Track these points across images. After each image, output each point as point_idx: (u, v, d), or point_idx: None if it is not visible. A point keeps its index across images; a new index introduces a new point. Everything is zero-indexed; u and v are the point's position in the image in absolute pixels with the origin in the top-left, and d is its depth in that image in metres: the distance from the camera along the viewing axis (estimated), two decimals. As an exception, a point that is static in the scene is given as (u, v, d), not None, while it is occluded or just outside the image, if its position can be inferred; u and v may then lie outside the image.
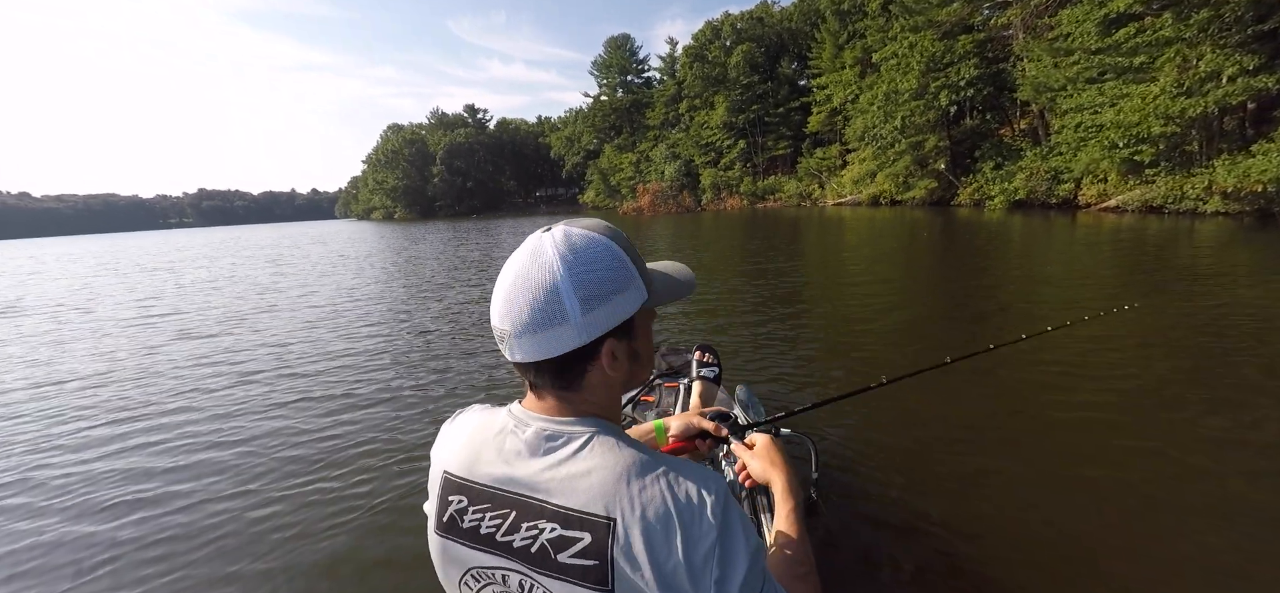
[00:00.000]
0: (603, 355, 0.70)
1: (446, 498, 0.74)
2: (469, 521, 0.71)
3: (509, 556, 0.68)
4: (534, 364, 0.69)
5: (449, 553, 0.73)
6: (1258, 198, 12.17)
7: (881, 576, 2.11)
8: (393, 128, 79.42)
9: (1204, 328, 4.85)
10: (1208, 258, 8.41)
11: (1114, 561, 2.12)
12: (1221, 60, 12.31)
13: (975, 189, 24.27)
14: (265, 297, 10.47)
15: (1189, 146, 14.23)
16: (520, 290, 0.68)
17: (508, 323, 0.68)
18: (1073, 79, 17.39)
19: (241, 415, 4.11)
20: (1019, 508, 2.46)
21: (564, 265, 0.67)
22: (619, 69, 57.71)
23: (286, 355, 5.77)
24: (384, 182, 76.79)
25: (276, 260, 18.74)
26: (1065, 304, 6.21)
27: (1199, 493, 2.48)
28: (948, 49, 23.92)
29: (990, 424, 3.28)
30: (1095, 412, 3.34)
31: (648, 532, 0.62)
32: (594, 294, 0.67)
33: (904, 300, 7.08)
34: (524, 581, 0.68)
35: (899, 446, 3.04)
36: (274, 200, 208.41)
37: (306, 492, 3.01)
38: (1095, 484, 2.60)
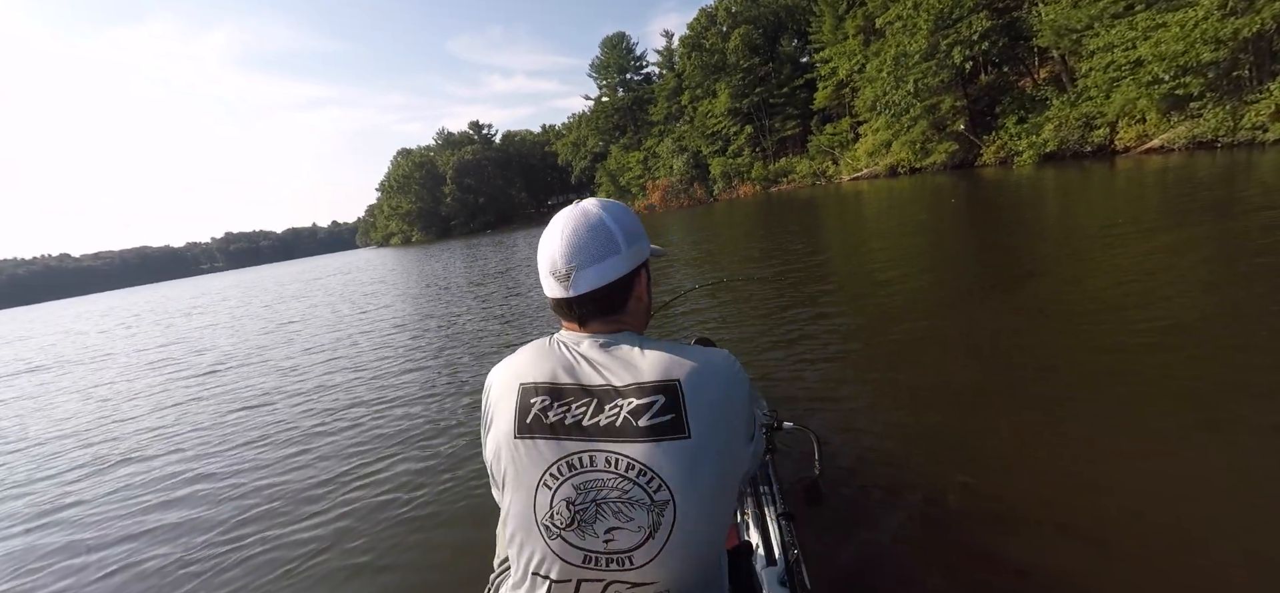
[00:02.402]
0: (640, 284, 0.93)
1: (527, 403, 0.85)
2: (553, 416, 0.83)
3: (596, 436, 0.81)
4: (588, 295, 0.88)
5: (531, 452, 0.83)
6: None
7: (889, 571, 2.02)
8: (403, 153, 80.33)
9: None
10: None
11: (1125, 544, 1.94)
12: (1275, -31, 11.14)
13: (1000, 147, 23.02)
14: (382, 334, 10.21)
15: (1239, 72, 12.97)
16: (579, 235, 0.88)
17: (574, 260, 0.88)
18: (1097, 16, 16.16)
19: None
20: (1030, 498, 2.28)
21: (608, 213, 0.91)
22: (617, 68, 57.09)
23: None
24: (398, 206, 77.67)
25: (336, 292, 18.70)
26: (1131, 257, 5.37)
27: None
28: (956, 3, 22.70)
29: (999, 413, 2.99)
30: (1115, 392, 2.91)
31: (706, 385, 0.82)
32: (630, 233, 0.91)
33: (938, 277, 6.34)
34: (610, 456, 0.80)
35: (905, 438, 2.87)
36: (297, 237, 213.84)
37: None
38: (1111, 469, 2.35)
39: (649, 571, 0.79)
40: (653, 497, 0.78)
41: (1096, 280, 4.92)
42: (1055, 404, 2.93)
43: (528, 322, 7.54)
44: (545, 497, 0.82)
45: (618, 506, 0.79)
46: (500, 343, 6.49)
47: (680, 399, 0.80)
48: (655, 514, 0.78)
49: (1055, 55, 20.87)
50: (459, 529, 2.72)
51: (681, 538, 0.78)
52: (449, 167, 73.70)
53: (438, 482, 3.19)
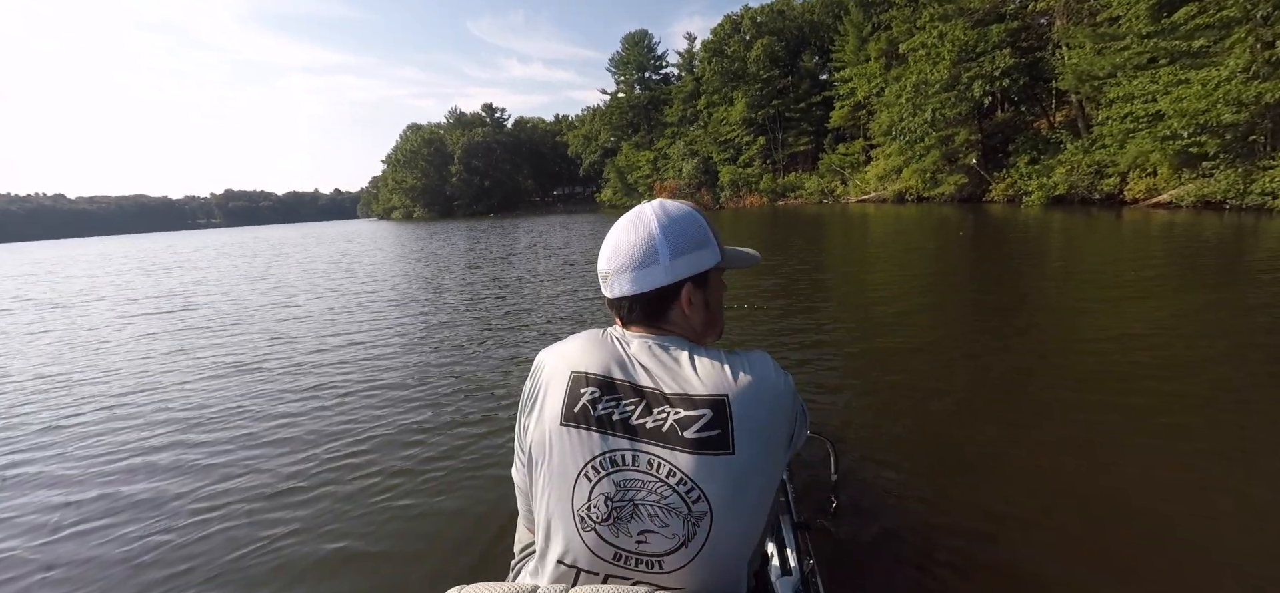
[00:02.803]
0: (682, 297, 0.90)
1: (577, 392, 0.85)
2: (602, 409, 0.83)
3: (642, 437, 0.81)
4: (629, 297, 0.90)
5: (575, 441, 0.83)
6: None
7: (905, 581, 1.99)
8: (412, 128, 79.97)
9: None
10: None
11: (1147, 561, 1.97)
12: (1303, 38, 11.22)
13: (1009, 185, 23.13)
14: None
15: (1256, 137, 13.06)
16: (625, 240, 0.90)
17: (614, 264, 0.91)
18: (1120, 66, 16.25)
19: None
20: (1050, 509, 2.28)
21: (659, 223, 0.89)
22: (637, 66, 57.07)
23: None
24: (403, 181, 77.35)
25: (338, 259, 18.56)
26: (1135, 310, 5.42)
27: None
28: (980, 37, 22.79)
29: (1019, 423, 3.03)
30: (1134, 408, 2.99)
31: (755, 404, 0.82)
32: (680, 246, 0.89)
33: (936, 305, 6.35)
34: (652, 460, 0.80)
35: (922, 446, 2.87)
36: (298, 201, 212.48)
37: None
38: (1130, 488, 2.39)
39: (677, 577, 0.80)
40: (691, 507, 0.79)
41: (1123, 327, 4.94)
42: (1081, 424, 2.93)
43: (525, 314, 7.50)
44: (584, 489, 0.83)
45: (654, 509, 0.80)
46: (491, 329, 6.45)
47: (728, 416, 0.80)
48: (691, 524, 0.79)
49: (1074, 100, 20.98)
50: (437, 519, 2.64)
51: (713, 551, 0.79)
52: (458, 146, 73.48)
53: (425, 468, 3.16)
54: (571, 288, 9.05)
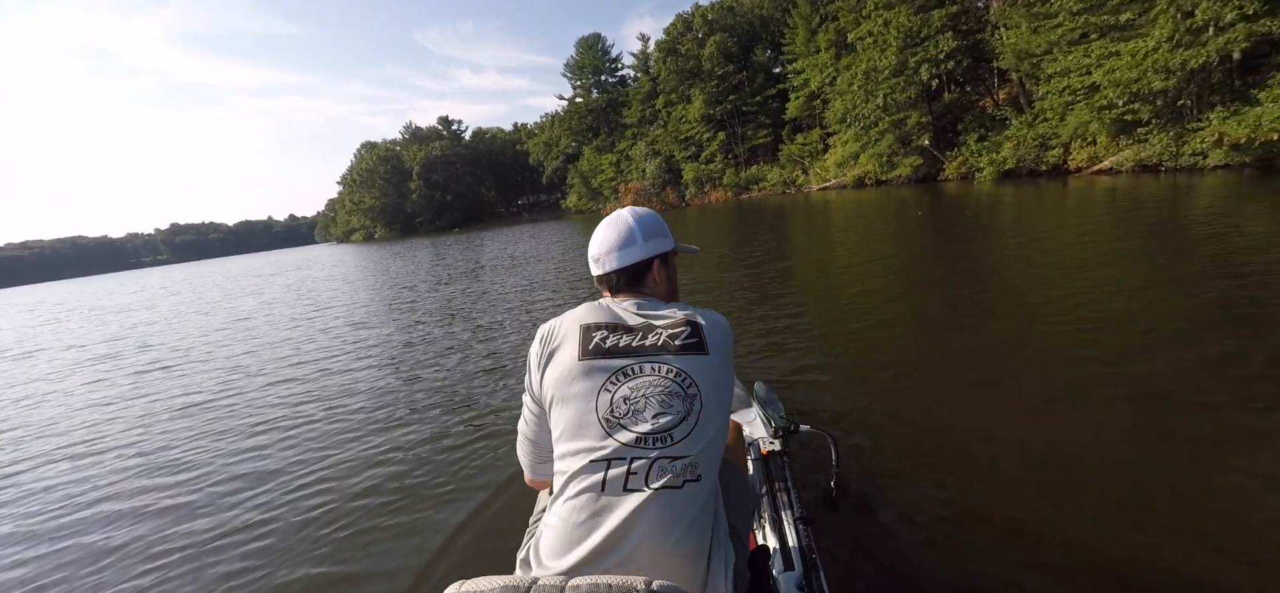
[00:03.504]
0: (654, 269, 1.29)
1: (589, 336, 1.14)
2: (610, 343, 1.13)
3: (644, 353, 1.11)
4: (616, 271, 1.27)
5: (593, 368, 1.11)
6: (1256, 148, 11.82)
7: (906, 574, 2.00)
8: (367, 146, 77.89)
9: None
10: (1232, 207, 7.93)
11: (1148, 554, 1.94)
12: (1220, 6, 11.91)
13: (961, 162, 23.93)
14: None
15: (1184, 101, 13.83)
16: (610, 232, 1.29)
17: (603, 249, 1.28)
18: (1055, 42, 17.00)
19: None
20: (1050, 502, 2.27)
21: (634, 217, 1.29)
22: (592, 69, 56.91)
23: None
24: (361, 202, 75.27)
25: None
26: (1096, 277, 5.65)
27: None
28: (924, 23, 23.53)
29: (1020, 415, 3.00)
30: (1129, 388, 3.00)
31: (714, 326, 1.17)
32: (649, 233, 1.29)
33: (910, 286, 6.50)
34: (655, 365, 1.10)
35: (923, 439, 2.87)
36: (251, 230, 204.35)
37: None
38: (1135, 475, 2.37)
39: (684, 445, 1.04)
40: (686, 392, 1.08)
41: (1102, 296, 5.12)
42: (1081, 411, 2.93)
43: (496, 326, 7.36)
44: (606, 399, 1.08)
45: (662, 398, 1.07)
46: (464, 343, 6.31)
47: (701, 331, 1.15)
48: (688, 404, 1.07)
49: (1014, 77, 21.87)
50: (427, 530, 2.63)
51: (704, 427, 1.07)
52: (416, 162, 71.89)
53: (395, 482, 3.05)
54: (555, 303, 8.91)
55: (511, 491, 2.88)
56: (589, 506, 1.01)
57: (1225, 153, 12.47)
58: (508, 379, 4.80)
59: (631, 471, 1.01)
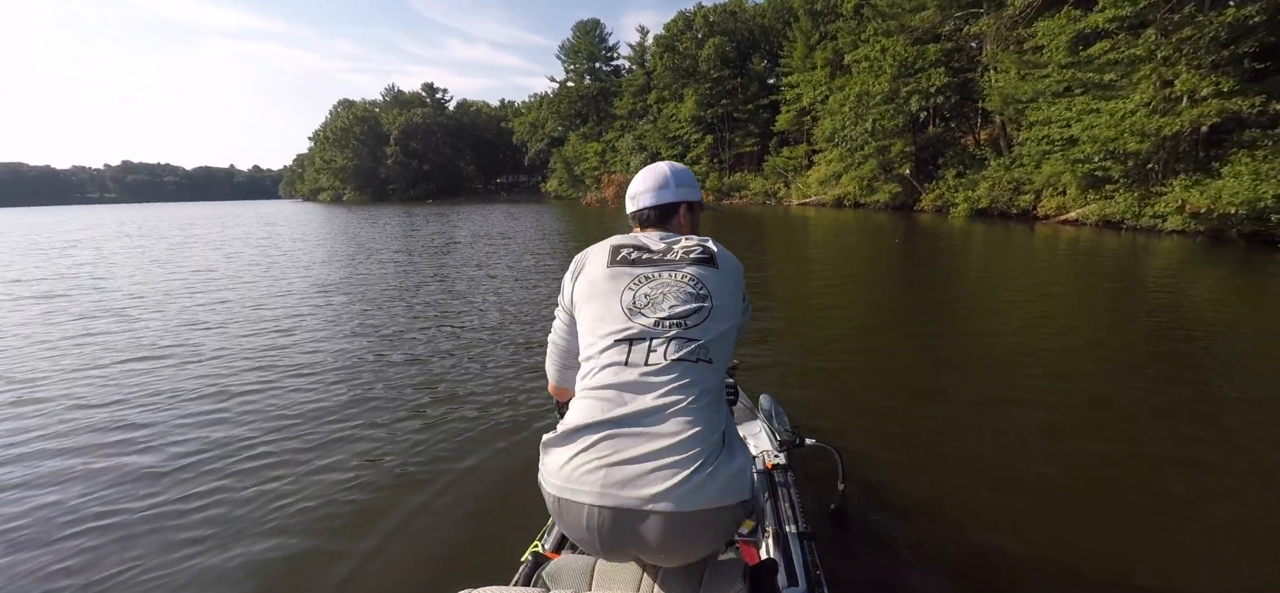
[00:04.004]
0: (680, 212, 1.48)
1: (617, 251, 1.31)
2: (635, 256, 1.29)
3: (663, 263, 1.27)
4: (650, 207, 1.46)
5: (618, 273, 1.26)
6: (1211, 219, 12.49)
7: (911, 588, 2.02)
8: (344, 103, 75.22)
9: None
10: (1188, 273, 8.41)
11: (1146, 568, 2.10)
12: (1197, 80, 12.49)
13: (937, 195, 24.54)
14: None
15: (1152, 165, 14.50)
16: (649, 176, 1.49)
17: (641, 188, 1.48)
18: (1041, 92, 17.57)
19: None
20: (1056, 518, 2.38)
21: (670, 168, 1.50)
22: (587, 55, 56.29)
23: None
24: (332, 161, 72.65)
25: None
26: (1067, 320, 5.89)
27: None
28: (919, 55, 24.02)
29: (1025, 432, 3.14)
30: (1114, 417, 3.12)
31: (723, 252, 1.33)
32: (681, 182, 1.49)
33: (901, 308, 6.61)
34: (672, 272, 1.25)
35: (929, 453, 2.94)
36: (210, 177, 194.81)
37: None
38: (1130, 489, 2.58)
39: (696, 331, 1.17)
40: (697, 294, 1.22)
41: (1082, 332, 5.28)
42: (1086, 431, 3.09)
43: (464, 307, 7.17)
44: (629, 295, 1.22)
45: (677, 294, 1.22)
46: (435, 319, 6.11)
47: (712, 251, 1.31)
48: (699, 302, 1.21)
49: (998, 120, 22.54)
50: (445, 524, 2.51)
51: (714, 319, 1.20)
52: (395, 126, 69.84)
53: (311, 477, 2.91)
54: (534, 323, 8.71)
55: (473, 474, 2.92)
56: (615, 375, 1.14)
57: (1184, 219, 13.14)
58: (474, 363, 4.66)
59: (651, 347, 1.15)
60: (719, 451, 1.09)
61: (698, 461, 1.05)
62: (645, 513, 1.01)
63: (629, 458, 1.05)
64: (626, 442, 1.06)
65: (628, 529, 1.03)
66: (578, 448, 1.08)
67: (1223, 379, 4.06)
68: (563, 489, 1.08)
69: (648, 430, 1.07)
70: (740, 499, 1.09)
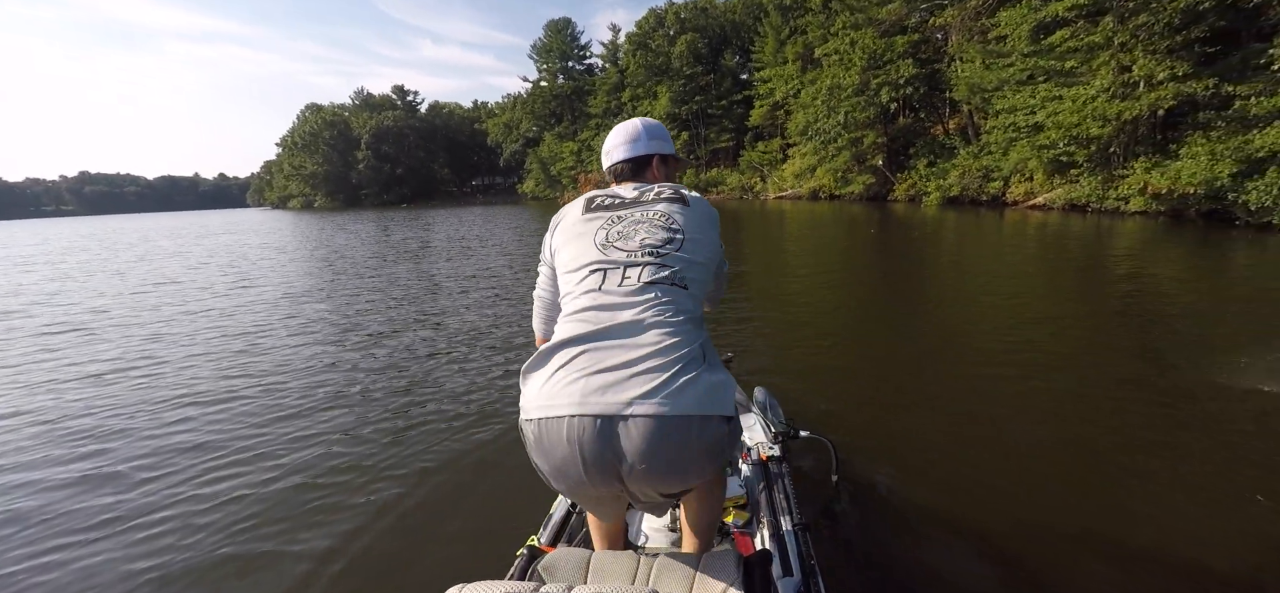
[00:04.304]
0: (653, 164, 1.48)
1: (591, 201, 1.35)
2: (608, 201, 1.34)
3: (638, 204, 1.31)
4: (623, 160, 1.46)
5: (595, 217, 1.30)
6: (1171, 199, 12.94)
7: (905, 576, 2.05)
8: (311, 108, 73.44)
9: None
10: (1153, 253, 8.70)
11: (1138, 556, 2.10)
12: (1154, 65, 12.90)
13: (910, 185, 24.98)
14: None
15: (1114, 149, 14.95)
16: (622, 131, 1.49)
17: (614, 142, 1.48)
18: (1006, 80, 18.00)
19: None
20: (1047, 506, 2.39)
21: (642, 123, 1.50)
22: (560, 54, 55.92)
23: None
24: (302, 167, 70.93)
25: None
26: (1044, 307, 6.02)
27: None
28: (888, 46, 24.39)
29: (1007, 414, 3.17)
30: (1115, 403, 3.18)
31: (694, 196, 1.35)
32: (653, 135, 1.49)
33: (881, 299, 6.68)
34: (644, 210, 1.29)
35: (921, 444, 2.95)
36: (174, 186, 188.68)
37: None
38: (1112, 467, 2.60)
39: (670, 259, 1.20)
40: (669, 227, 1.25)
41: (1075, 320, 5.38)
42: (1066, 410, 3.14)
43: (442, 312, 7.04)
44: (602, 233, 1.26)
45: (650, 227, 1.25)
46: (407, 326, 5.98)
47: (683, 193, 1.34)
48: (670, 234, 1.23)
49: (965, 109, 23.02)
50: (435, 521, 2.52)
51: (687, 250, 1.23)
52: (365, 130, 68.43)
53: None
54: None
55: (460, 472, 2.91)
56: (591, 299, 1.15)
57: (1146, 201, 13.58)
58: (448, 368, 4.56)
59: (625, 274, 1.17)
60: (700, 362, 1.10)
61: (677, 365, 1.05)
62: (627, 417, 1.00)
63: (608, 366, 1.04)
64: (605, 353, 1.06)
65: (609, 439, 1.00)
66: (556, 366, 1.08)
67: (1187, 352, 4.17)
68: (542, 409, 1.05)
69: (626, 341, 1.07)
70: (723, 413, 1.08)
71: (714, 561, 1.15)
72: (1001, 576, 2.04)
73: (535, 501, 1.96)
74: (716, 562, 1.15)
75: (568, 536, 1.72)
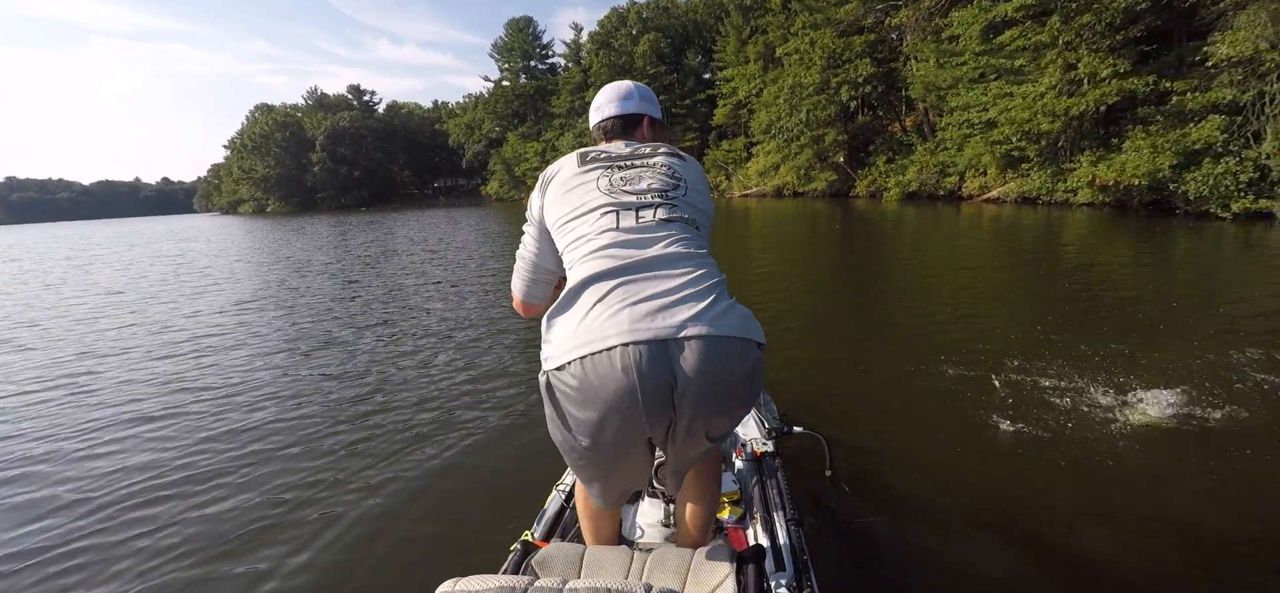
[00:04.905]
0: (644, 124, 1.45)
1: (584, 157, 1.30)
2: (602, 155, 1.30)
3: (635, 158, 1.29)
4: (614, 117, 1.42)
5: (588, 169, 1.26)
6: (1117, 191, 13.57)
7: (896, 575, 2.04)
8: (262, 108, 70.35)
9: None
10: (1107, 243, 9.05)
11: (1128, 553, 2.08)
12: (1097, 63, 13.49)
13: (870, 181, 25.57)
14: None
15: (1061, 144, 15.58)
16: (614, 89, 1.45)
17: (605, 99, 1.45)
18: (959, 79, 18.57)
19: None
20: (1039, 503, 2.37)
21: (634, 84, 1.47)
22: (521, 53, 55.14)
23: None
24: (252, 170, 67.88)
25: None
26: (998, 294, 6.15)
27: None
28: (846, 45, 24.88)
29: (1008, 418, 3.10)
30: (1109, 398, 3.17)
31: (692, 162, 1.34)
32: (645, 97, 1.46)
33: (835, 297, 6.71)
34: (646, 161, 1.28)
35: (915, 440, 2.96)
36: (112, 192, 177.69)
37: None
38: (1119, 470, 2.55)
39: (679, 204, 1.20)
40: (672, 175, 1.25)
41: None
42: (1063, 412, 3.12)
43: (410, 317, 6.75)
44: (605, 180, 1.23)
45: (653, 174, 1.24)
46: (369, 336, 5.69)
47: (678, 151, 1.33)
48: (674, 182, 1.24)
49: (921, 107, 23.68)
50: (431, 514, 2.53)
51: (691, 195, 1.24)
52: (320, 131, 65.93)
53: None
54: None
55: (446, 470, 2.89)
56: (612, 237, 1.13)
57: (1093, 192, 14.21)
58: (427, 367, 4.32)
59: (639, 213, 1.16)
60: (728, 293, 1.13)
61: (713, 293, 1.07)
62: (681, 342, 0.99)
63: (650, 295, 1.04)
64: (642, 284, 1.05)
65: (668, 362, 0.99)
66: (589, 303, 1.05)
67: (1144, 334, 4.30)
68: (585, 346, 1.01)
69: (659, 272, 1.07)
70: (759, 340, 1.09)
71: (708, 555, 1.16)
72: (994, 565, 2.03)
73: (529, 497, 1.99)
74: (711, 557, 1.16)
75: (562, 531, 1.73)
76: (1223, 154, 11.22)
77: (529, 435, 3.19)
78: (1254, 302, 5.30)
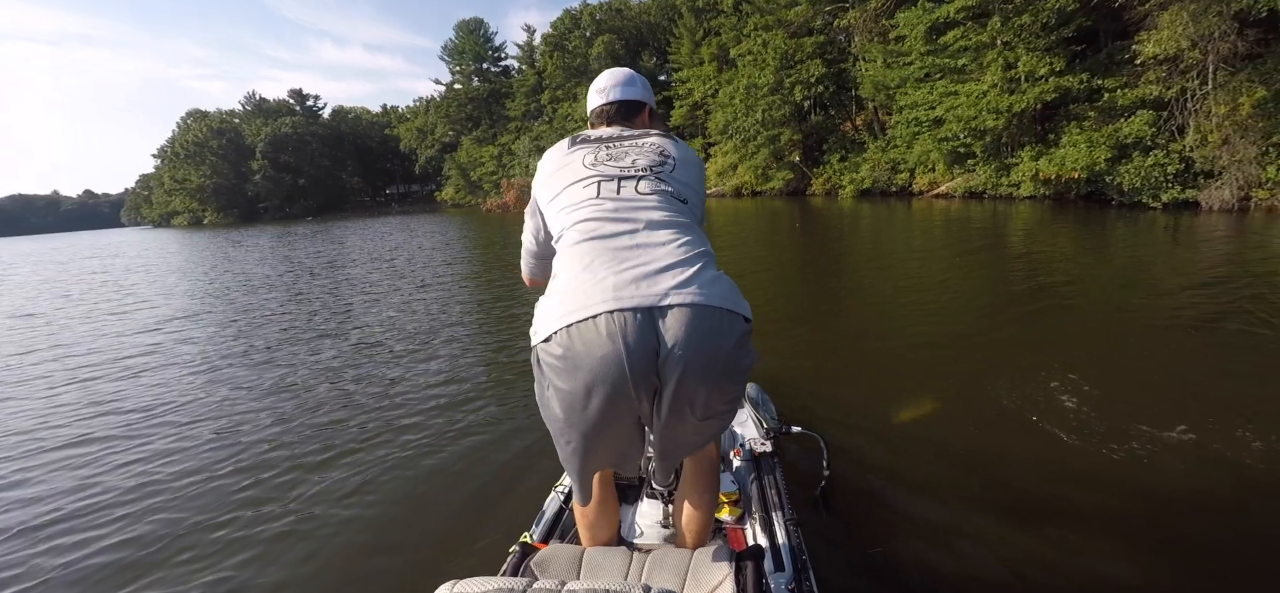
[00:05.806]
0: (645, 113, 1.47)
1: (576, 139, 1.34)
2: (595, 137, 1.34)
3: (625, 138, 1.32)
4: (617, 102, 1.43)
5: (575, 149, 1.30)
6: (1057, 184, 14.22)
7: (897, 570, 2.02)
8: (195, 114, 66.32)
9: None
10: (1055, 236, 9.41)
11: (1130, 544, 2.07)
12: (1035, 62, 14.08)
13: (826, 179, 26.11)
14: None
15: (1003, 140, 16.23)
16: (616, 75, 1.46)
17: (609, 81, 1.45)
18: (906, 79, 19.13)
19: None
20: (1042, 506, 2.33)
21: (635, 72, 1.47)
22: (473, 56, 53.98)
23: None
24: (186, 180, 63.87)
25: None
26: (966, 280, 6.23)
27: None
28: (798, 46, 25.34)
29: (1007, 420, 3.10)
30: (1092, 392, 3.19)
31: (686, 147, 1.34)
32: (646, 87, 1.49)
33: (801, 294, 6.66)
34: (635, 140, 1.30)
35: (914, 440, 2.93)
36: (26, 206, 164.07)
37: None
38: (1116, 470, 2.52)
39: (666, 179, 1.20)
40: (660, 154, 1.26)
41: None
42: (1062, 409, 3.11)
43: (361, 338, 6.29)
44: (591, 156, 1.26)
45: (641, 151, 1.26)
46: (304, 340, 5.25)
47: (671, 136, 1.33)
48: (661, 159, 1.24)
49: (871, 106, 24.35)
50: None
51: (681, 171, 1.25)
52: (260, 138, 62.66)
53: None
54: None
55: (443, 473, 2.92)
56: (595, 209, 1.13)
57: (1035, 186, 14.84)
58: (369, 410, 3.96)
59: (622, 185, 1.17)
60: (716, 266, 1.12)
61: (700, 263, 1.07)
62: (665, 308, 0.99)
63: (635, 264, 1.04)
64: (627, 253, 1.06)
65: (650, 330, 0.98)
66: (577, 272, 1.06)
67: (1096, 316, 4.42)
68: (571, 314, 1.01)
69: (645, 242, 1.07)
70: (745, 314, 1.08)
71: (707, 556, 1.18)
72: (995, 564, 2.02)
73: (528, 498, 2.03)
74: (709, 557, 1.18)
75: (561, 532, 1.73)
76: (1151, 148, 11.88)
77: (528, 438, 3.16)
78: (1186, 278, 5.78)
